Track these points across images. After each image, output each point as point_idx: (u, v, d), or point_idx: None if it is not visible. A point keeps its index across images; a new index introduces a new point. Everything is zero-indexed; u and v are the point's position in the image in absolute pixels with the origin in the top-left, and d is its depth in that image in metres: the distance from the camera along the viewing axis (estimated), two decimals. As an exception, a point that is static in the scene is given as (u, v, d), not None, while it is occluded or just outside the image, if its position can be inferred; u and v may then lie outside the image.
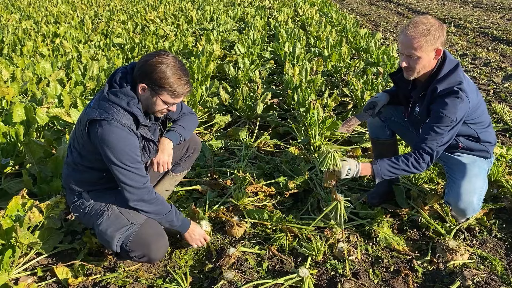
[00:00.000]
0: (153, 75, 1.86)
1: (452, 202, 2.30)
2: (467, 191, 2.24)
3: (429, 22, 2.02)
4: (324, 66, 5.86)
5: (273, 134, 4.00)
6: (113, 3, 14.27)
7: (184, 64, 1.96)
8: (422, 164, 2.17)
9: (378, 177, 2.22)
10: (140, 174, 1.97)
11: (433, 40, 2.01)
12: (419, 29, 2.00)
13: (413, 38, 2.02)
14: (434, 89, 2.12)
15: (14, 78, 5.02)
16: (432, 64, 2.12)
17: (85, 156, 2.05)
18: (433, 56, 2.08)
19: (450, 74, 2.10)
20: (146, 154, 2.12)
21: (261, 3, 13.62)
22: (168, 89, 1.89)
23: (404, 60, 2.11)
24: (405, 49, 2.08)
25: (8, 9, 12.62)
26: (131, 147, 1.91)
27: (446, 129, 2.10)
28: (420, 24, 2.02)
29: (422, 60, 2.07)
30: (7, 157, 3.09)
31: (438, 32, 2.01)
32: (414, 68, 2.12)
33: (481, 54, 6.86)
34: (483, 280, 2.10)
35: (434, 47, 2.04)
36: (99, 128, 1.88)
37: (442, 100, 2.09)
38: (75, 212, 2.18)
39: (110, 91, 1.94)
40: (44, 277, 2.24)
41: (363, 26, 9.81)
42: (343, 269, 2.20)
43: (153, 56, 1.89)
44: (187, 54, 6.86)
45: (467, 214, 2.33)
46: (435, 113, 2.12)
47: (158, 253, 2.08)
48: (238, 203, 2.74)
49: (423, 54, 2.05)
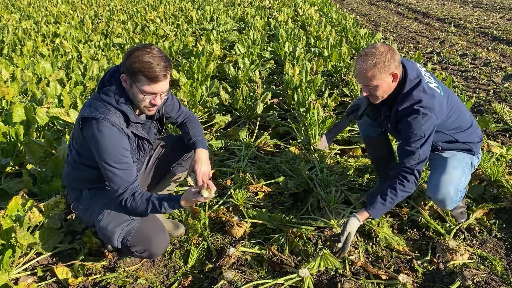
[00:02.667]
0: (128, 61, 1.84)
1: (431, 194, 2.35)
2: (443, 182, 2.29)
3: (377, 51, 2.05)
4: (324, 66, 5.86)
5: (273, 134, 4.00)
6: (113, 3, 14.27)
7: (165, 55, 1.89)
8: (408, 185, 2.18)
9: (376, 217, 2.25)
10: (122, 176, 1.92)
11: (385, 68, 2.05)
12: (369, 61, 2.04)
13: (365, 71, 2.06)
14: (396, 111, 2.18)
15: (14, 78, 5.02)
16: (392, 87, 2.16)
17: (83, 154, 2.05)
18: (391, 80, 2.12)
19: (410, 93, 2.14)
20: (141, 152, 2.12)
21: (261, 3, 13.62)
22: (140, 74, 1.82)
23: (364, 90, 2.18)
24: (361, 80, 2.14)
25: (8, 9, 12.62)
26: (116, 147, 1.89)
27: (417, 145, 2.14)
28: (369, 56, 2.05)
29: (380, 87, 2.12)
30: (7, 157, 3.09)
31: (388, 59, 2.04)
32: (376, 96, 2.17)
33: (481, 54, 6.86)
34: (483, 280, 2.10)
35: (389, 73, 2.07)
36: (90, 126, 1.89)
37: (405, 120, 2.15)
38: (76, 210, 2.19)
39: (101, 90, 1.95)
40: (44, 277, 2.24)
41: (363, 26, 9.81)
42: (343, 269, 2.20)
43: (135, 47, 1.88)
44: (187, 54, 6.86)
45: (446, 206, 2.35)
46: (404, 133, 2.19)
47: (159, 248, 2.08)
48: (238, 203, 2.74)
49: (380, 82, 2.09)
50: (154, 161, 2.43)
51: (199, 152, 2.24)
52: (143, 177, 2.41)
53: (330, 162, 3.35)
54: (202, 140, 2.32)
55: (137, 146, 2.08)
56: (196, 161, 2.19)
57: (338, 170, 3.21)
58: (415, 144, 2.14)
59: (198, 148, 2.26)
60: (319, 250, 2.30)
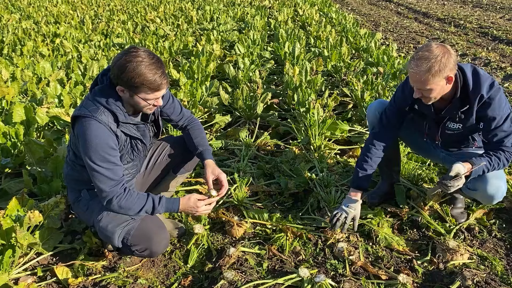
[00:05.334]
0: (124, 75, 1.81)
1: (480, 188, 2.27)
2: (494, 176, 2.24)
3: (432, 55, 1.98)
4: (324, 66, 5.86)
5: (273, 134, 4.01)
6: (113, 3, 14.27)
7: (156, 56, 1.87)
8: (509, 161, 2.20)
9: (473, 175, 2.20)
10: (108, 175, 1.90)
11: (440, 72, 1.98)
12: (423, 65, 1.98)
13: (419, 76, 2.01)
14: (480, 97, 2.11)
15: (14, 78, 5.02)
16: (447, 89, 2.11)
17: (78, 155, 2.04)
18: (445, 83, 2.06)
19: (477, 76, 2.11)
20: (134, 152, 2.11)
21: (261, 3, 13.62)
22: (143, 87, 1.84)
23: (417, 92, 2.12)
24: (414, 83, 2.09)
25: (8, 9, 12.62)
26: (103, 145, 1.87)
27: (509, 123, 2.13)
28: (423, 60, 1.98)
29: (434, 91, 2.07)
30: (7, 157, 3.09)
31: (443, 63, 1.97)
32: (429, 97, 2.12)
33: (481, 54, 6.86)
34: (483, 280, 2.10)
35: (444, 76, 2.01)
36: (78, 124, 1.89)
37: (489, 102, 2.10)
38: (76, 209, 2.19)
39: (94, 89, 1.96)
40: (44, 277, 2.24)
41: (363, 26, 9.81)
42: (343, 269, 2.20)
43: (122, 55, 1.83)
44: (187, 54, 6.86)
45: (495, 199, 2.30)
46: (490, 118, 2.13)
47: (160, 246, 2.09)
48: (238, 203, 2.74)
49: (434, 86, 2.04)
50: (155, 162, 2.43)
51: (210, 162, 2.30)
52: (143, 178, 2.41)
53: (330, 162, 3.35)
54: (209, 150, 2.37)
55: (130, 146, 2.07)
56: (214, 170, 2.26)
57: (338, 170, 3.21)
58: (507, 123, 2.12)
59: (207, 159, 2.31)
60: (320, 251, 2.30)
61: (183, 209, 2.09)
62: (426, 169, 3.12)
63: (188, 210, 2.11)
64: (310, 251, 2.37)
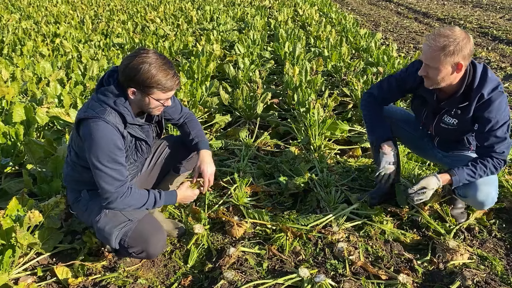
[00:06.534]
0: (138, 77, 1.83)
1: (470, 194, 2.27)
2: (484, 183, 2.23)
3: (453, 34, 1.94)
4: (324, 66, 5.86)
5: (273, 134, 4.01)
6: (113, 3, 14.27)
7: (166, 57, 1.92)
8: (498, 169, 2.19)
9: (456, 185, 2.23)
10: (114, 176, 1.90)
11: (452, 55, 1.94)
12: (439, 42, 1.94)
13: (432, 50, 1.98)
14: (480, 96, 2.10)
15: (14, 78, 5.01)
16: (452, 78, 2.08)
17: (81, 156, 2.04)
18: (452, 70, 2.02)
19: (485, 75, 2.10)
20: (138, 153, 2.12)
21: (261, 3, 13.62)
22: (157, 87, 1.87)
23: (423, 69, 2.09)
24: (424, 58, 2.06)
25: (8, 9, 12.62)
26: (110, 145, 1.87)
27: (504, 129, 2.12)
28: (442, 36, 1.94)
29: (440, 72, 2.03)
30: (7, 157, 3.09)
31: (460, 46, 1.93)
32: (432, 79, 2.08)
33: (481, 54, 6.86)
34: (483, 280, 2.10)
35: (454, 61, 1.98)
36: (85, 126, 1.88)
37: (488, 104, 2.08)
38: (75, 210, 2.19)
39: (99, 90, 1.95)
40: (44, 277, 2.24)
41: (363, 26, 9.81)
42: (343, 269, 2.20)
43: (133, 57, 1.85)
44: (187, 54, 6.86)
45: (485, 205, 2.30)
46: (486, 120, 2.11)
47: (156, 248, 2.08)
48: (238, 203, 2.74)
49: (440, 67, 2.00)
50: (155, 161, 2.43)
51: (204, 153, 2.31)
52: (144, 177, 2.42)
53: (330, 162, 3.35)
54: (204, 141, 2.36)
55: (134, 147, 2.08)
56: (202, 162, 2.27)
57: (338, 170, 3.21)
58: (503, 129, 2.11)
59: (202, 149, 2.32)
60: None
61: (181, 198, 2.21)
62: (426, 169, 3.13)
63: (187, 198, 2.25)
64: (310, 251, 2.37)
